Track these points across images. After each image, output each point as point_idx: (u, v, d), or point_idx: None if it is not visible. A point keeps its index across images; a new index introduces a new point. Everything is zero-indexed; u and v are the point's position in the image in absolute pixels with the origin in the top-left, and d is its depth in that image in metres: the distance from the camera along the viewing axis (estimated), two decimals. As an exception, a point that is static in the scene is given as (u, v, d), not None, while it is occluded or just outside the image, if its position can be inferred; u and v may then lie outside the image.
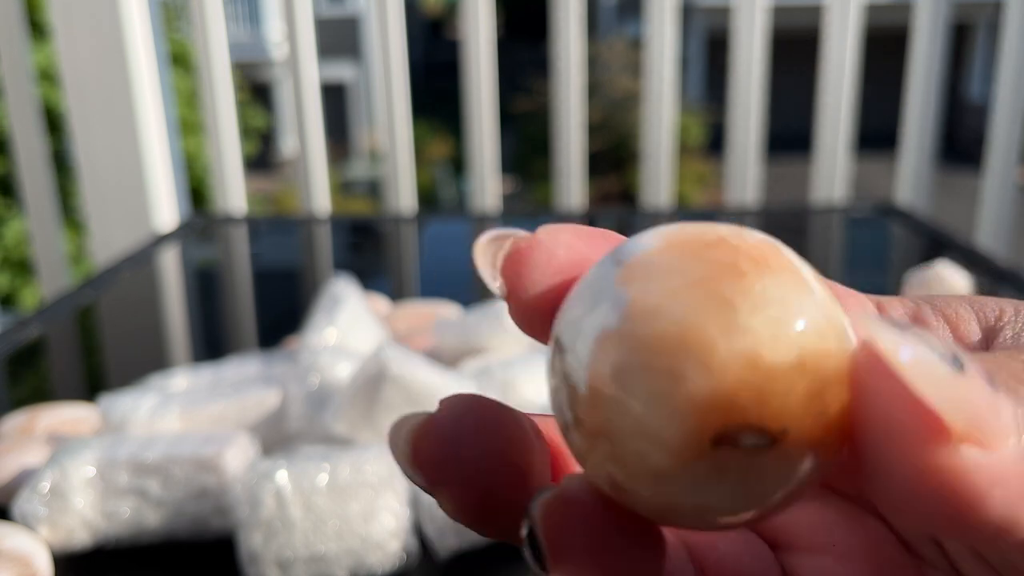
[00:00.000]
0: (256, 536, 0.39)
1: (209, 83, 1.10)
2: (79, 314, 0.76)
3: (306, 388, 0.48)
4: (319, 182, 1.15)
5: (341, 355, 0.49)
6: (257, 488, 0.39)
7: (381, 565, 0.40)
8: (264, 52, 7.44)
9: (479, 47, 1.09)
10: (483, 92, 1.11)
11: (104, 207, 1.03)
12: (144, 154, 1.02)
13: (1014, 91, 1.04)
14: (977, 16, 6.69)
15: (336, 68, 7.83)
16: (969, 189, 1.99)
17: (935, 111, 1.13)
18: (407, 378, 0.45)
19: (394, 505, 0.40)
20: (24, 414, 0.50)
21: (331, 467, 0.40)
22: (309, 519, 0.39)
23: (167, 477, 0.41)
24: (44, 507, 0.41)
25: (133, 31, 0.99)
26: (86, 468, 0.41)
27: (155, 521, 0.41)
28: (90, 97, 1.00)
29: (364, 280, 0.64)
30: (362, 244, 1.09)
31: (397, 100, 1.13)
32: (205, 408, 0.48)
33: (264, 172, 6.87)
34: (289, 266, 0.98)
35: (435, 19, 10.07)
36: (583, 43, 1.11)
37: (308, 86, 1.12)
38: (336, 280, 0.58)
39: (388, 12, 1.09)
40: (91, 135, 1.01)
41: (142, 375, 0.55)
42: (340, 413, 0.45)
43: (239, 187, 1.15)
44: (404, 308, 0.64)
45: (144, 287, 0.84)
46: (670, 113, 1.13)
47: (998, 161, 1.07)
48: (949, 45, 1.13)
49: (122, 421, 0.47)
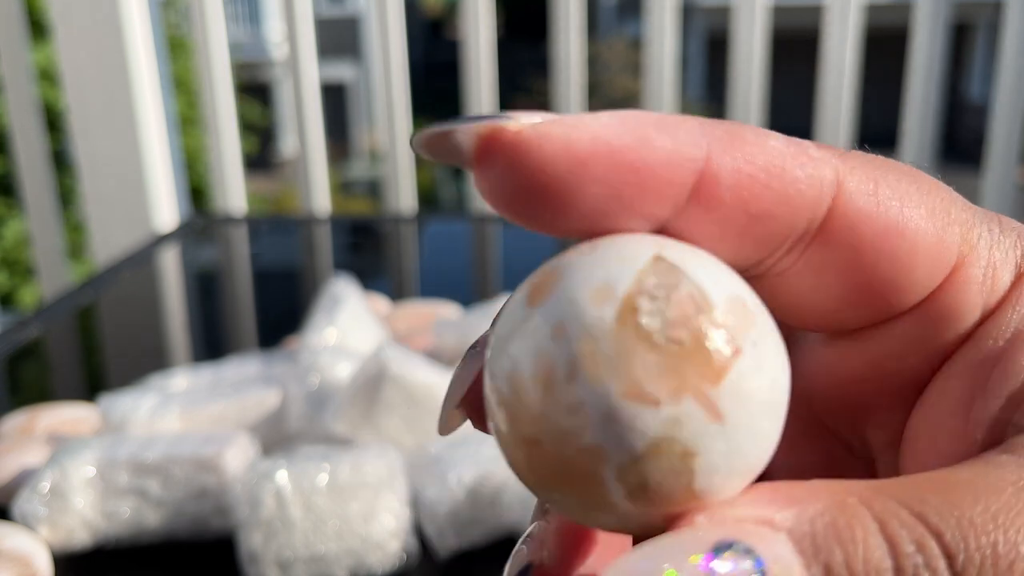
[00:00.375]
0: (256, 536, 0.39)
1: (209, 83, 1.10)
2: (79, 314, 0.76)
3: (306, 388, 0.48)
4: (319, 182, 1.15)
5: (341, 355, 0.49)
6: (257, 488, 0.39)
7: (381, 565, 0.40)
8: (264, 52, 7.44)
9: (479, 47, 1.09)
10: (483, 92, 1.11)
11: (104, 207, 1.03)
12: (144, 154, 1.02)
13: (1014, 91, 1.04)
14: (977, 16, 6.69)
15: (336, 68, 7.83)
16: (969, 189, 1.99)
17: (935, 111, 1.13)
18: (407, 378, 0.45)
19: (394, 505, 0.40)
20: (24, 414, 0.50)
21: (331, 467, 0.40)
22: (309, 519, 0.39)
23: (167, 477, 0.41)
24: (44, 507, 0.41)
25: (133, 29, 0.99)
26: (86, 468, 0.41)
27: (155, 521, 0.42)
28: (90, 97, 1.00)
29: (364, 280, 0.64)
30: (362, 244, 1.09)
31: (397, 100, 1.13)
32: (205, 408, 0.48)
33: (264, 172, 6.87)
34: (289, 266, 0.98)
35: (435, 19, 10.07)
36: (583, 43, 1.11)
37: (308, 86, 1.12)
38: (336, 280, 0.58)
39: (388, 12, 1.09)
40: (91, 135, 1.01)
41: (142, 375, 0.55)
42: (340, 413, 0.45)
43: (239, 187, 1.15)
44: (404, 308, 0.64)
45: (144, 287, 0.84)
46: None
47: (998, 161, 1.07)
48: (949, 45, 1.13)
49: (122, 421, 0.47)
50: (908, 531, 0.12)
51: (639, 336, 0.12)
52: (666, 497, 0.12)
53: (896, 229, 0.14)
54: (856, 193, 0.14)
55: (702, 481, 0.12)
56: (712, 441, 0.12)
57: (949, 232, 0.15)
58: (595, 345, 0.12)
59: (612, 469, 0.12)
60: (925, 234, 0.14)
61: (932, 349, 0.15)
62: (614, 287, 0.12)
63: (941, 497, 0.12)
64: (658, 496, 0.12)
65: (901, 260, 0.14)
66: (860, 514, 0.12)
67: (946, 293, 0.15)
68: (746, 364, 0.12)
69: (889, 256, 0.14)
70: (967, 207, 0.15)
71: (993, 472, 0.13)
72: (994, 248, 0.15)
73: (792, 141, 0.14)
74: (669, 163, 0.13)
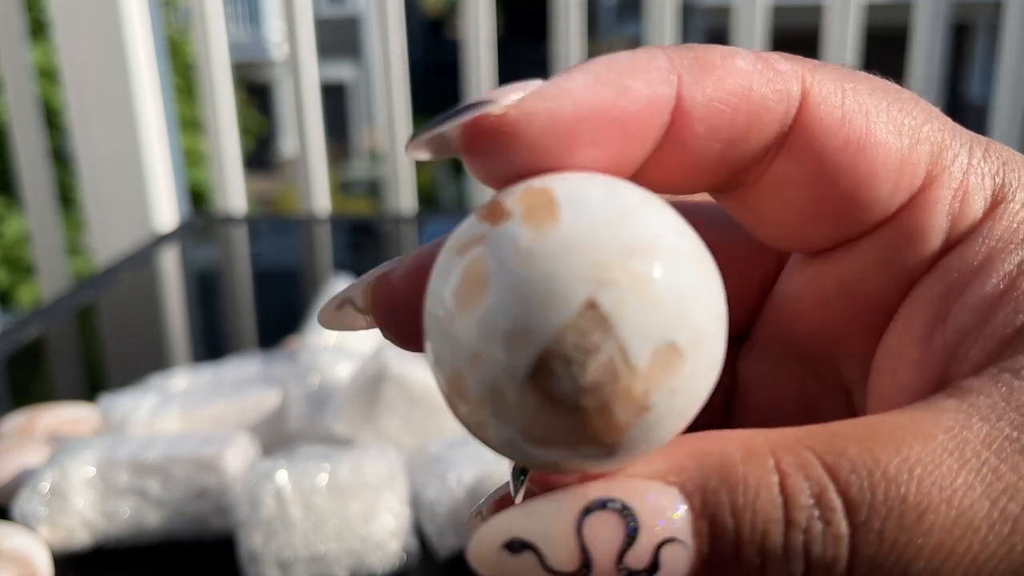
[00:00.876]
0: (256, 536, 0.39)
1: (209, 83, 1.10)
2: (79, 314, 0.76)
3: (306, 388, 0.48)
4: (319, 182, 1.15)
5: (341, 355, 0.49)
6: (257, 488, 0.39)
7: (381, 565, 0.40)
8: (264, 52, 7.44)
9: (479, 47, 1.09)
10: (483, 92, 1.11)
11: (104, 207, 1.03)
12: (144, 154, 1.02)
13: (1014, 91, 1.04)
14: (977, 16, 6.69)
15: (336, 68, 7.82)
16: (969, 189, 1.98)
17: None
18: (407, 378, 0.45)
19: (394, 505, 0.40)
20: (24, 414, 0.50)
21: (331, 467, 0.40)
22: (309, 519, 0.39)
23: (167, 477, 0.41)
24: (44, 507, 0.41)
25: (133, 28, 0.99)
26: (86, 468, 0.41)
27: (155, 521, 0.41)
28: (90, 96, 1.00)
29: (364, 280, 0.64)
30: (362, 244, 1.09)
31: (397, 100, 1.13)
32: (205, 408, 0.48)
33: (264, 172, 6.87)
34: (289, 266, 0.98)
35: (435, 19, 10.07)
36: (583, 43, 1.11)
37: (308, 86, 1.12)
38: (336, 280, 0.58)
39: (388, 12, 1.09)
40: (91, 134, 1.01)
41: (142, 375, 0.55)
42: (340, 413, 0.45)
43: (239, 187, 1.15)
44: (404, 308, 0.64)
45: (144, 287, 0.84)
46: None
47: (998, 161, 1.07)
48: (949, 45, 1.13)
49: (122, 421, 0.47)
50: (810, 483, 0.12)
51: (549, 399, 0.12)
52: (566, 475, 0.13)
53: (857, 143, 0.14)
54: (821, 105, 0.14)
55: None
56: (604, 463, 0.13)
57: (917, 150, 0.14)
58: (504, 393, 0.12)
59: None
60: (888, 149, 0.14)
61: (898, 273, 0.15)
62: (532, 335, 0.12)
63: (860, 447, 0.12)
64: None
65: (862, 175, 0.14)
66: (761, 465, 0.12)
67: (910, 213, 0.14)
68: (656, 414, 0.12)
69: (850, 170, 0.14)
70: (947, 127, 0.15)
71: (930, 418, 0.12)
72: (969, 172, 0.14)
73: (760, 56, 0.14)
74: (648, 108, 0.13)
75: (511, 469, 0.15)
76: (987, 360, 0.13)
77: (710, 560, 0.12)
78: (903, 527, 0.12)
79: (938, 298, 0.14)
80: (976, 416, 0.12)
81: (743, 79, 0.14)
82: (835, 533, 0.12)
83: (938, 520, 0.12)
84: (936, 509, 0.12)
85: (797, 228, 0.15)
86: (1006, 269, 0.14)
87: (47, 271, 1.13)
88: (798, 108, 0.14)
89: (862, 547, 0.12)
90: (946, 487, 0.12)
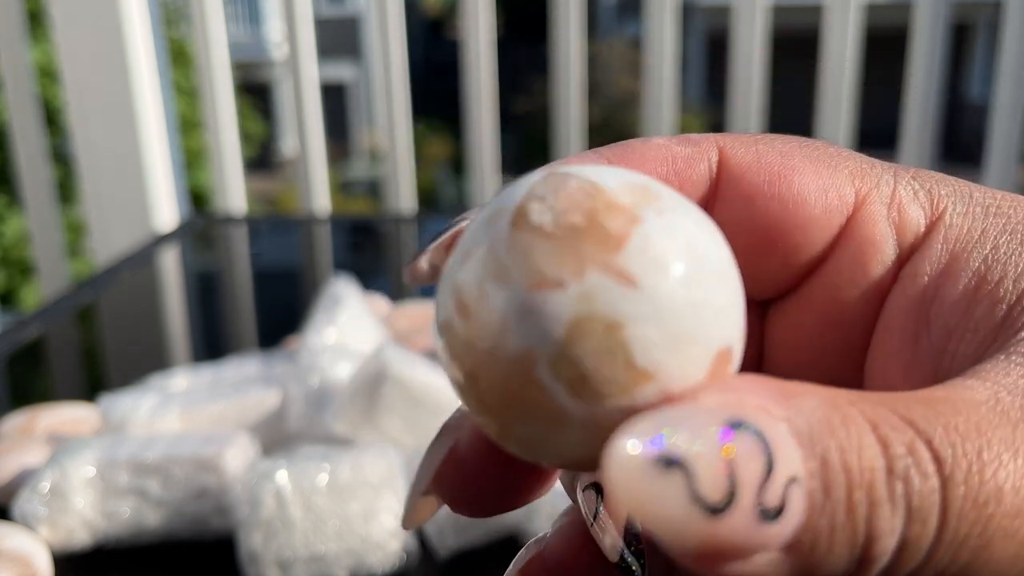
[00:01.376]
0: (256, 536, 0.39)
1: (209, 83, 1.10)
2: (79, 314, 0.76)
3: (306, 388, 0.48)
4: (319, 182, 1.15)
5: (341, 355, 0.49)
6: (257, 488, 0.39)
7: (381, 565, 0.40)
8: (264, 52, 7.43)
9: (479, 47, 1.09)
10: (483, 92, 1.11)
11: (104, 207, 1.03)
12: (144, 154, 1.02)
13: (1014, 91, 1.04)
14: (977, 16, 6.69)
15: (336, 68, 7.82)
16: (969, 189, 1.97)
17: (935, 111, 1.13)
18: (407, 378, 0.45)
19: (394, 505, 0.40)
20: (24, 414, 0.50)
21: (331, 467, 0.40)
22: (309, 519, 0.39)
23: (167, 477, 0.41)
24: (44, 507, 0.41)
25: (133, 29, 0.99)
26: (86, 468, 0.41)
27: (155, 521, 0.41)
28: (90, 96, 1.00)
29: (364, 280, 0.64)
30: (362, 244, 1.09)
31: (397, 100, 1.13)
32: (205, 408, 0.48)
33: (264, 172, 6.86)
34: (289, 266, 0.98)
35: (435, 19, 10.07)
36: (583, 43, 1.11)
37: (308, 86, 1.12)
38: (336, 280, 0.58)
39: (388, 12, 1.09)
40: (91, 134, 1.01)
41: (142, 375, 0.55)
42: (340, 413, 0.45)
43: (239, 187, 1.15)
44: (404, 308, 0.64)
45: (144, 287, 0.84)
46: (670, 113, 1.13)
47: (998, 161, 1.07)
48: (949, 45, 1.13)
49: (122, 421, 0.47)
50: (898, 434, 0.12)
51: (533, 232, 0.12)
52: (610, 383, 0.12)
53: (778, 174, 0.15)
54: (738, 154, 0.16)
55: (641, 357, 0.12)
56: (632, 307, 0.12)
57: (837, 175, 0.15)
58: (496, 256, 0.12)
59: (545, 367, 0.12)
60: (808, 175, 0.15)
61: (866, 287, 0.16)
62: (507, 205, 0.13)
63: (926, 407, 0.12)
64: (602, 384, 0.12)
65: (791, 200, 0.15)
66: (853, 414, 0.12)
67: (854, 230, 0.15)
68: (650, 228, 0.12)
69: (778, 199, 0.15)
70: (864, 159, 0.16)
71: (965, 392, 0.13)
72: (898, 188, 0.15)
73: (675, 137, 0.16)
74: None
75: (580, 488, 0.15)
76: (977, 352, 0.14)
77: (823, 505, 0.11)
78: (983, 482, 0.11)
79: (914, 303, 0.15)
80: (1004, 391, 0.13)
81: (663, 151, 0.16)
82: (931, 486, 0.11)
83: (1011, 476, 0.12)
84: (1006, 466, 0.12)
85: (752, 271, 0.15)
86: (973, 267, 0.14)
87: (47, 271, 1.13)
88: (718, 161, 0.16)
89: (951, 501, 0.11)
90: (1010, 445, 0.12)
